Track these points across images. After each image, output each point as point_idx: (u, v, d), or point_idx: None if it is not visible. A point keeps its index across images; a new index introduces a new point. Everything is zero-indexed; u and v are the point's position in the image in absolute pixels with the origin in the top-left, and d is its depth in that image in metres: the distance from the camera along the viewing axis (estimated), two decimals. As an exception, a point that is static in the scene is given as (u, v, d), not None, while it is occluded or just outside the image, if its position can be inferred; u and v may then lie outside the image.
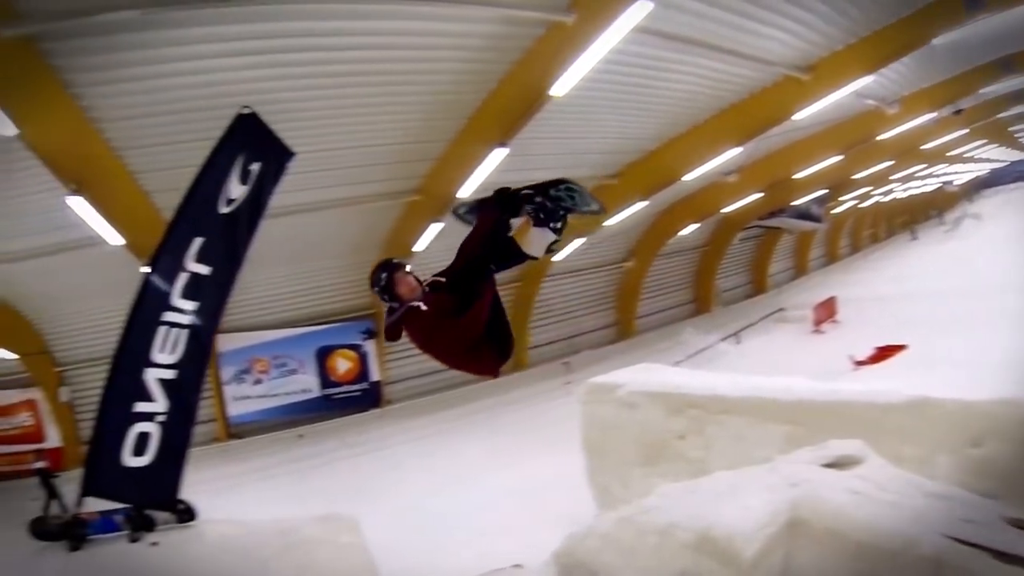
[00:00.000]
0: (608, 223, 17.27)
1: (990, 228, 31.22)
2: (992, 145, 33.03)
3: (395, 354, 18.09)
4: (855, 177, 25.26)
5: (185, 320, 7.88)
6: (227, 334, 15.95)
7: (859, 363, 14.86)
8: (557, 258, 19.02)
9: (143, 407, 7.64)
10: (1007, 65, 15.25)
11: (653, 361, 11.25)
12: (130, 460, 7.55)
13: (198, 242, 7.84)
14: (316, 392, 18.02)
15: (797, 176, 20.23)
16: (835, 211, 32.25)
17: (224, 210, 7.95)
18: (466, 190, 12.16)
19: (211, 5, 7.19)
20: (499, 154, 11.23)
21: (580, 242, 18.87)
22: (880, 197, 35.77)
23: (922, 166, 30.76)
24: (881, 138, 18.12)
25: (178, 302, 7.80)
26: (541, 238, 4.01)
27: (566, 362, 20.48)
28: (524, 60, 9.72)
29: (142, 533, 7.92)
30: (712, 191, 19.55)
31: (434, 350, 4.01)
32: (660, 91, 12.33)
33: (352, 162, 11.65)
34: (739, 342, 21.66)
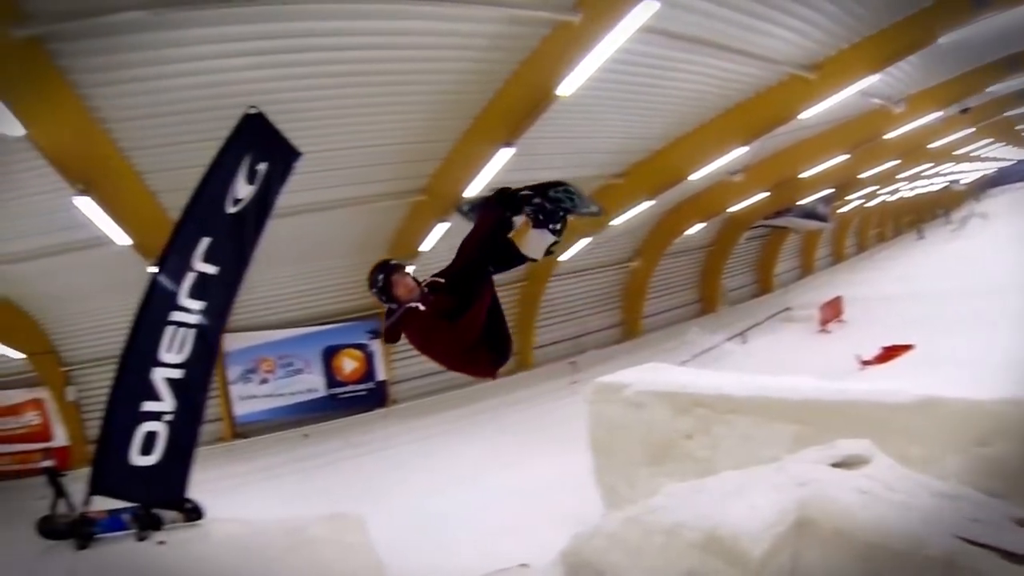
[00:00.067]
0: (614, 223, 17.25)
1: (997, 227, 31.13)
2: (999, 144, 32.85)
3: (401, 354, 18.08)
4: (861, 176, 25.15)
5: (192, 320, 7.92)
6: (233, 334, 15.98)
7: (866, 363, 14.85)
8: (563, 258, 19.04)
9: (150, 406, 7.68)
10: (1014, 63, 15.17)
11: (659, 361, 11.19)
12: (137, 459, 7.58)
13: (205, 242, 7.87)
14: (322, 392, 18.04)
15: (803, 175, 20.20)
16: (841, 210, 32.08)
17: (231, 210, 7.98)
18: (472, 190, 12.15)
19: (218, 5, 7.21)
20: (505, 154, 11.23)
21: (586, 242, 18.82)
22: (886, 196, 35.61)
23: (929, 165, 30.63)
24: (887, 137, 18.07)
25: (185, 302, 7.84)
26: (540, 240, 4.00)
27: (572, 361, 20.50)
28: (530, 60, 9.72)
29: (149, 532, 7.97)
30: (718, 190, 19.50)
31: (432, 351, 4.03)
32: (666, 90, 12.31)
33: (358, 162, 11.66)
34: (745, 342, 21.65)
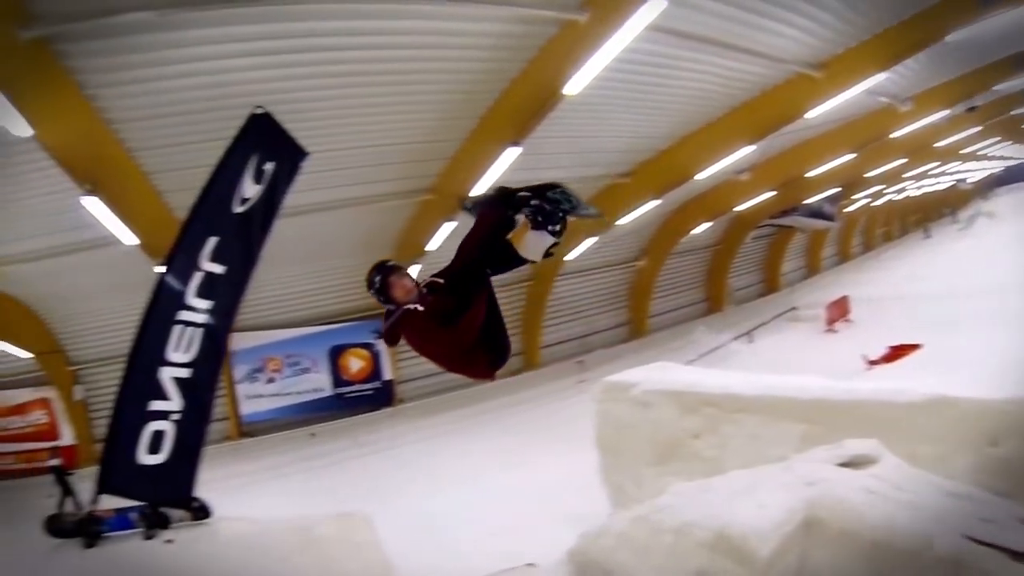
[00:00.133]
0: (621, 222, 17.24)
1: (1004, 226, 31.02)
2: (1006, 142, 32.69)
3: (407, 353, 17.84)
4: (868, 175, 25.08)
5: (200, 319, 7.90)
6: (240, 333, 16.01)
7: (873, 362, 14.80)
8: (569, 257, 19.07)
9: (158, 405, 7.67)
10: (1021, 61, 15.10)
11: (666, 360, 11.17)
12: (145, 458, 7.58)
13: (213, 241, 7.85)
14: (328, 391, 18.10)
15: (810, 174, 20.14)
16: (848, 209, 32.01)
17: (238, 209, 7.96)
18: (479, 189, 12.06)
19: (223, 6, 7.22)
20: (512, 153, 11.20)
21: (592, 241, 18.84)
22: (893, 195, 35.55)
23: (935, 164, 30.56)
24: (894, 136, 17.99)
25: (193, 301, 7.82)
26: (539, 241, 3.93)
27: (580, 361, 20.51)
28: (537, 59, 9.70)
29: (157, 531, 7.95)
30: (724, 189, 19.51)
31: (429, 352, 4.03)
32: (673, 89, 12.29)
33: (365, 161, 11.67)
34: (751, 341, 21.62)
